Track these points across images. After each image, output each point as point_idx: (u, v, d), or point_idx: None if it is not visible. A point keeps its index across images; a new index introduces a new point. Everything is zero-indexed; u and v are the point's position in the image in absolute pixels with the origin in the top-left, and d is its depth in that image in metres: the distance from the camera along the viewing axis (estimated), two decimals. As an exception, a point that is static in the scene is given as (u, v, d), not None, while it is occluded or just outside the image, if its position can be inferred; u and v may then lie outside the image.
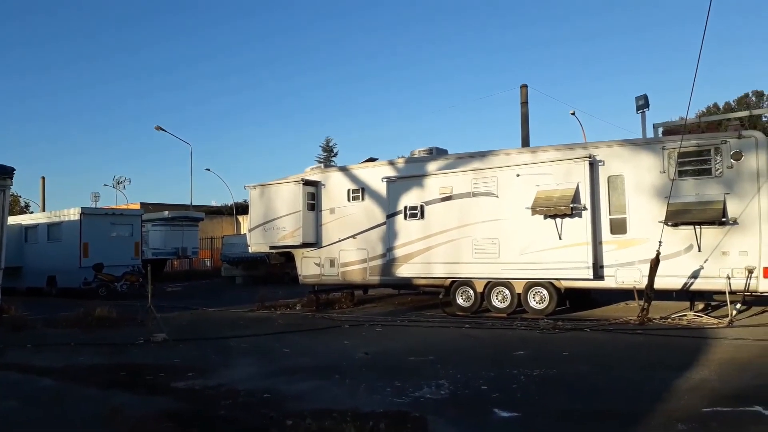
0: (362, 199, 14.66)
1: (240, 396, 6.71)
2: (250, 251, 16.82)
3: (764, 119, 35.68)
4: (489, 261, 12.74)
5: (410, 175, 13.96)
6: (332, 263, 14.97)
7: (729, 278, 10.51)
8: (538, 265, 12.18)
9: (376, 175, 14.43)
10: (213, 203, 51.83)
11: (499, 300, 12.87)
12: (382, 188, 14.23)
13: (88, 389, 7.46)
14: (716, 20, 71.75)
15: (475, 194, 13.01)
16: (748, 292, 10.53)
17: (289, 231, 15.05)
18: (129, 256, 22.17)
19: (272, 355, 9.24)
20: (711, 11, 8.50)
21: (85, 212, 21.72)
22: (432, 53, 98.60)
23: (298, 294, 16.41)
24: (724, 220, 10.55)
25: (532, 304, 12.48)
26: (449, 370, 7.61)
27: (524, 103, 23.46)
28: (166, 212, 29.02)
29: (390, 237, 13.97)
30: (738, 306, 11.04)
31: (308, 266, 15.38)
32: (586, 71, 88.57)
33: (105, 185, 75.97)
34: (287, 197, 15.16)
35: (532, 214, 12.08)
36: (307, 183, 15.14)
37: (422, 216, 13.59)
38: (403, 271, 13.80)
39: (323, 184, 15.30)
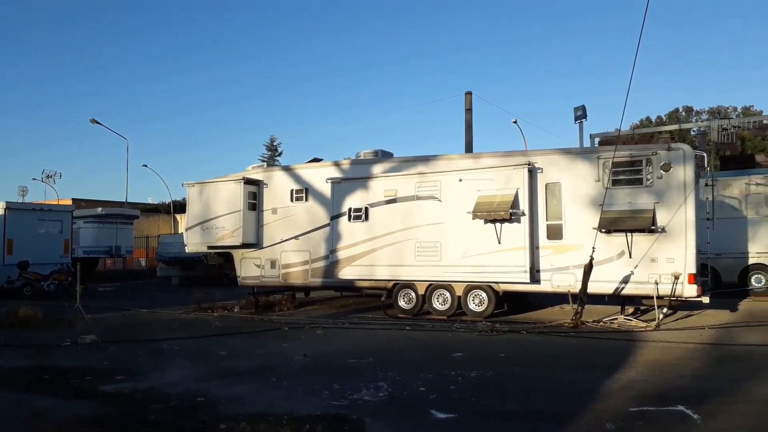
0: (306, 200, 14.50)
1: (172, 400, 6.47)
2: (187, 251, 16.27)
3: (693, 133, 37.71)
4: (431, 264, 12.85)
5: (355, 177, 13.92)
6: (273, 264, 14.72)
7: (657, 284, 10.99)
8: (478, 268, 12.38)
9: (320, 176, 14.30)
10: (150, 201, 50.15)
11: (439, 302, 13.00)
12: (326, 189, 14.11)
13: (8, 393, 7.03)
14: (652, 35, 75.44)
15: (419, 197, 13.10)
16: (674, 297, 11.04)
17: (228, 231, 14.69)
18: (58, 254, 21.12)
19: (207, 358, 8.97)
20: (646, 27, 8.87)
21: (10, 207, 20.54)
22: (380, 57, 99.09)
23: (236, 296, 16.03)
24: (653, 228, 11.02)
25: (472, 306, 12.67)
26: (388, 372, 7.60)
27: (468, 110, 23.91)
28: (99, 209, 27.88)
29: (333, 239, 13.87)
30: (665, 310, 11.57)
31: (248, 267, 15.06)
32: (529, 81, 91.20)
33: (34, 179, 72.03)
34: (227, 196, 14.80)
35: (473, 219, 12.28)
36: (248, 182, 14.83)
37: (366, 218, 13.57)
38: (346, 273, 13.73)
39: (266, 184, 15.04)
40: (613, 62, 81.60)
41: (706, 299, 11.13)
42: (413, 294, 13.24)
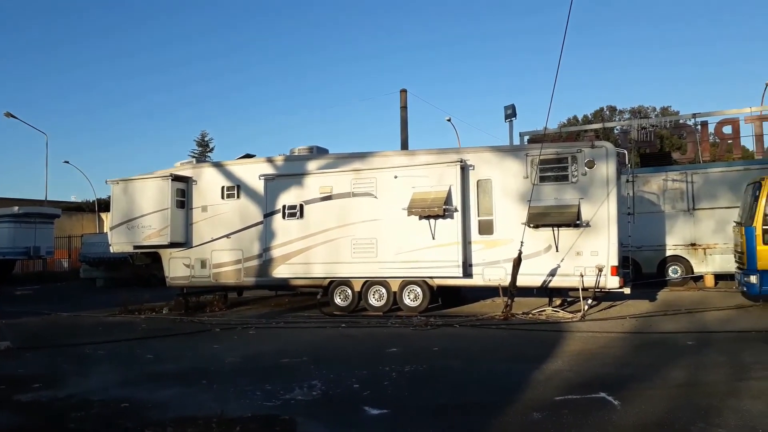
0: (237, 197, 14.16)
1: (94, 407, 6.17)
2: (112, 251, 15.52)
3: (616, 131, 39.60)
4: (367, 260, 12.86)
5: (290, 174, 13.72)
6: (203, 264, 14.30)
7: (582, 276, 11.46)
8: (413, 264, 12.50)
9: (253, 173, 13.99)
10: (73, 199, 47.53)
11: (375, 299, 13.04)
12: (259, 186, 13.83)
13: None
14: (580, 36, 78.43)
15: (354, 194, 13.07)
16: (598, 288, 11.56)
17: (155, 230, 14.14)
18: (-31, 256, 19.74)
19: (133, 362, 8.61)
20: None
21: None
22: (316, 55, 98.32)
23: (165, 297, 15.46)
24: (578, 222, 11.48)
25: (407, 302, 12.78)
26: (322, 370, 7.55)
27: (403, 108, 24.10)
28: (16, 207, 26.25)
29: (267, 237, 13.63)
30: (589, 301, 12.10)
31: (177, 267, 14.56)
32: (463, 80, 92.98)
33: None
34: (154, 193, 14.23)
35: (408, 215, 12.38)
36: (176, 179, 14.33)
37: (301, 215, 13.41)
38: (280, 271, 13.52)
39: (195, 181, 14.57)
40: (543, 62, 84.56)
41: (627, 290, 11.71)
42: (349, 291, 13.21)
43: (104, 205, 35.86)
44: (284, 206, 13.53)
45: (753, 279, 10.80)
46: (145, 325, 12.46)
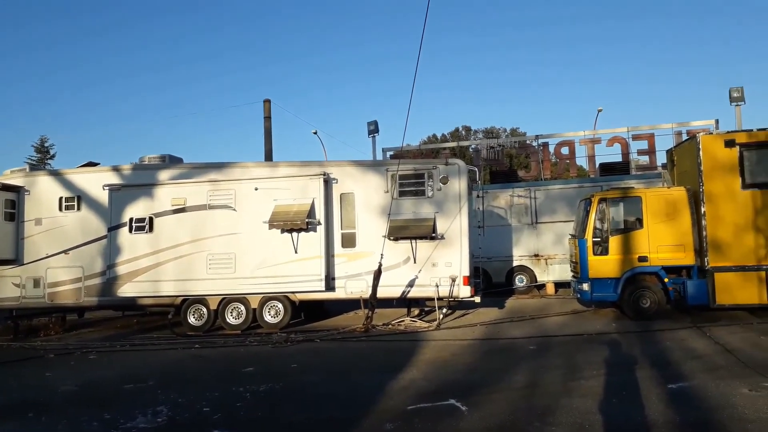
0: (78, 209, 12.90)
1: None
2: None
3: (471, 150, 42.22)
4: (224, 276, 12.32)
5: (138, 184, 12.79)
6: (37, 283, 12.79)
7: (438, 286, 11.95)
8: (274, 278, 12.20)
9: (96, 182, 12.83)
10: None
11: (233, 316, 12.52)
12: (103, 197, 12.72)
13: None
14: (438, 61, 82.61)
15: (211, 207, 12.51)
16: (452, 297, 12.11)
17: (-24, 245, 12.42)
18: None
19: (-59, 399, 7.42)
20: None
21: None
22: (174, 57, 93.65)
23: (-11, 321, 13.61)
24: (434, 235, 11.97)
25: (268, 318, 12.44)
26: (170, 394, 7.06)
27: (267, 118, 23.68)
28: None
29: (112, 252, 12.54)
30: (444, 310, 12.62)
31: (4, 287, 12.88)
32: (331, 96, 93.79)
33: None
34: (-24, 204, 12.53)
35: (270, 228, 12.08)
36: (5, 188, 12.75)
37: (151, 229, 12.54)
38: (126, 290, 12.50)
39: (27, 190, 13.06)
40: (409, 82, 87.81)
41: (477, 299, 12.40)
42: (204, 309, 12.56)
43: None
44: (132, 219, 12.57)
45: (585, 286, 11.94)
46: (-39, 355, 10.85)
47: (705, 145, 11.37)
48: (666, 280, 11.52)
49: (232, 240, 12.35)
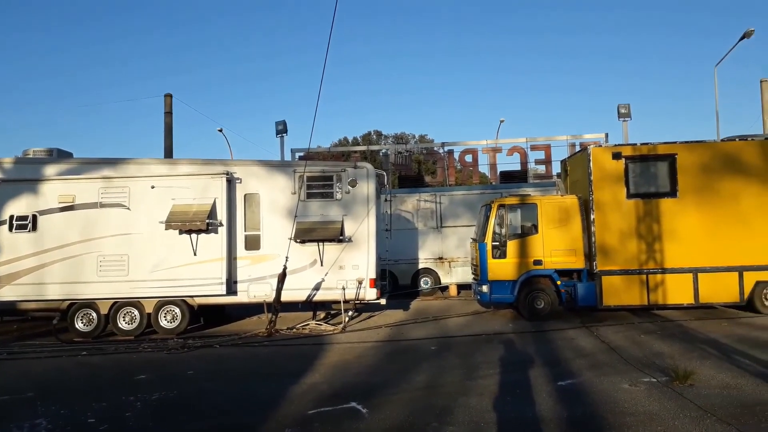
0: (-53, 205, 11.67)
1: None
2: None
3: (381, 154, 42.70)
4: (116, 279, 11.59)
5: (20, 179, 11.76)
6: None
7: (344, 289, 11.91)
8: (171, 282, 11.64)
9: (-30, 176, 11.68)
10: None
11: (126, 321, 11.81)
12: (-22, 192, 11.58)
13: None
14: (351, 66, 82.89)
15: (103, 205, 11.74)
16: (358, 300, 12.12)
17: None
18: None
19: None
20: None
21: None
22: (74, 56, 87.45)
23: None
24: (341, 238, 11.93)
25: (164, 323, 11.83)
26: (51, 406, 6.52)
27: (168, 113, 22.65)
28: None
29: (-12, 252, 11.44)
30: (350, 313, 12.61)
31: None
32: (239, 94, 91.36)
33: None
34: None
35: (167, 229, 11.52)
36: None
37: (34, 228, 11.58)
38: (5, 293, 11.44)
39: None
40: (317, 82, 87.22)
41: (383, 301, 12.50)
42: (94, 314, 11.75)
43: None
44: (12, 216, 11.56)
45: (485, 288, 12.39)
46: None
47: (595, 157, 12.18)
48: (558, 282, 12.20)
49: (125, 240, 11.66)
